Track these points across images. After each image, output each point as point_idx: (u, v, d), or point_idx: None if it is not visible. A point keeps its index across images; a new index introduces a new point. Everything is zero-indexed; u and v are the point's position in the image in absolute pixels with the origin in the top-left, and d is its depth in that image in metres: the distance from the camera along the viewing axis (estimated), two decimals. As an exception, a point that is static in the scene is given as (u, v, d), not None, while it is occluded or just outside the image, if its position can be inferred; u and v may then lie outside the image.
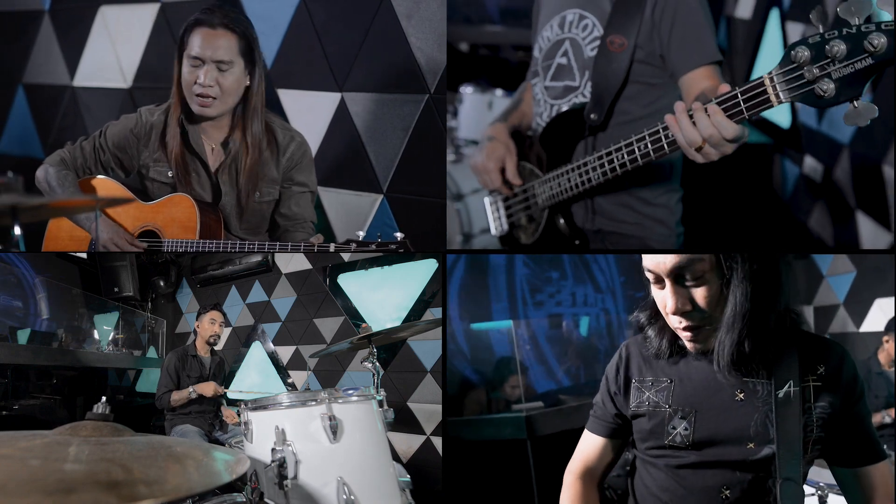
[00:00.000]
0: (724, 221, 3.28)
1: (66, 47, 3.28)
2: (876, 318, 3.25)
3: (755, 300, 1.15)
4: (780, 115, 3.49)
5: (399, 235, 1.95)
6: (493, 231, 2.15)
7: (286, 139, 2.21)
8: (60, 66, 3.29)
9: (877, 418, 2.86)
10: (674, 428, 1.24)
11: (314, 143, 2.61)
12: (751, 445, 1.19)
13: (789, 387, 1.18)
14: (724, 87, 1.43)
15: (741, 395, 1.21)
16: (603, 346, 3.34)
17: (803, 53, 1.27)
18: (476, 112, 3.56)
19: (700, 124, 1.43)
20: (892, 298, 3.19)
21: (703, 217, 2.32)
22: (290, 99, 2.74)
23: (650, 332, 1.30)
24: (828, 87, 1.26)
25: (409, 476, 1.95)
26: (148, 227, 2.16)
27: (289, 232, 2.26)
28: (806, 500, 1.97)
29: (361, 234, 1.98)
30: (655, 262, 1.19)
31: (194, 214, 2.11)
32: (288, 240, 2.23)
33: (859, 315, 3.32)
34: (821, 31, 1.26)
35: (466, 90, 3.62)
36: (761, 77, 1.34)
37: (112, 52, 3.16)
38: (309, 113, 2.67)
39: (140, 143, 2.21)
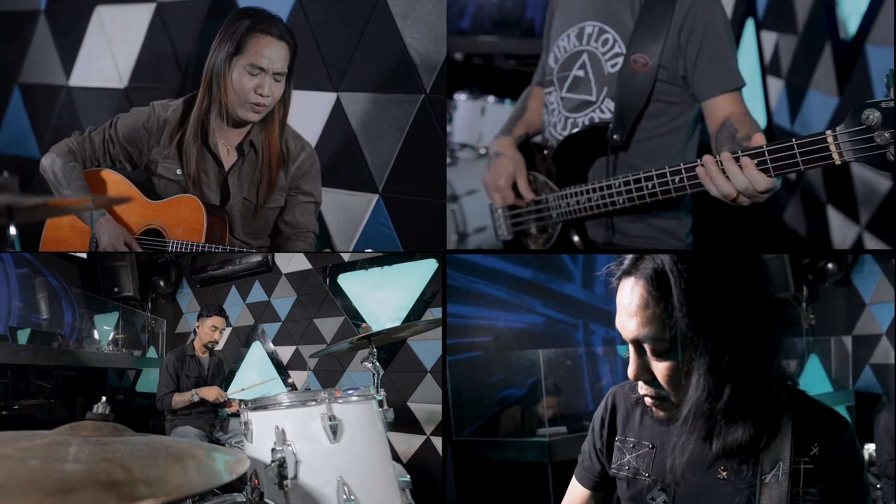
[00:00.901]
0: (723, 223, 3.33)
1: (62, 47, 3.28)
2: None
3: (716, 395, 1.03)
4: (755, 115, 3.56)
5: None
6: (497, 235, 2.14)
7: (297, 148, 2.22)
8: (56, 65, 3.29)
9: None
10: (653, 499, 1.17)
11: (310, 142, 2.63)
12: None
13: (778, 469, 1.05)
14: (759, 139, 1.41)
15: (724, 473, 1.10)
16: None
17: (874, 116, 1.26)
18: (469, 117, 3.71)
19: (734, 178, 1.42)
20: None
21: (710, 222, 2.33)
22: (286, 99, 2.76)
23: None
24: None
25: (409, 476, 1.95)
26: (152, 225, 2.15)
27: (290, 240, 2.27)
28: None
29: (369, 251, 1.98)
30: (621, 325, 1.10)
31: (201, 217, 2.10)
32: (288, 247, 2.25)
33: None
34: (892, 95, 1.25)
35: (460, 97, 3.77)
36: (823, 133, 1.33)
37: (108, 52, 3.16)
38: (305, 113, 2.67)
39: (151, 138, 2.19)
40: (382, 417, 1.93)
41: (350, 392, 1.87)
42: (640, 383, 1.11)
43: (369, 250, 2.86)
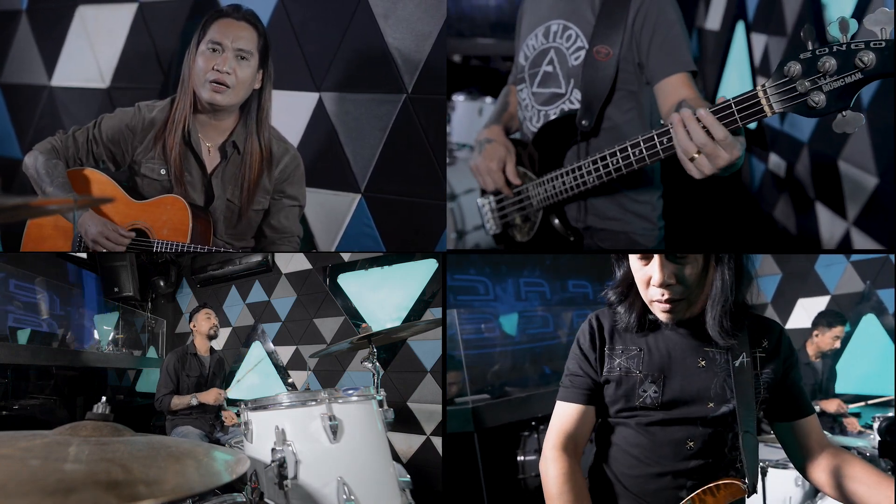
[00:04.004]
0: (700, 215, 3.45)
1: (44, 47, 3.26)
2: (800, 316, 3.69)
3: (732, 285, 1.36)
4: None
5: None
6: (486, 231, 2.19)
7: (280, 150, 2.21)
8: (38, 65, 3.27)
9: None
10: (644, 391, 1.41)
11: (292, 143, 2.63)
12: (711, 405, 1.39)
13: (743, 357, 1.40)
14: (719, 100, 1.51)
15: (702, 363, 1.41)
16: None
17: (795, 68, 1.38)
18: (468, 118, 3.75)
19: (693, 134, 1.50)
20: (826, 297, 3.57)
21: (682, 212, 2.40)
22: (268, 99, 2.75)
23: (620, 309, 1.45)
24: (819, 98, 1.37)
25: (409, 476, 1.95)
26: (137, 225, 2.14)
27: (275, 244, 2.26)
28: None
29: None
30: None
31: (187, 217, 2.10)
32: (272, 251, 2.24)
33: (785, 313, 3.78)
34: (810, 47, 1.36)
35: (459, 98, 3.81)
36: (755, 89, 1.44)
37: (90, 52, 3.14)
38: (287, 113, 2.66)
39: (135, 139, 2.19)
40: (382, 417, 1.93)
41: (350, 392, 1.87)
42: (661, 291, 1.35)
43: (357, 252, 2.85)
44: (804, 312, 3.53)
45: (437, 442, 2.95)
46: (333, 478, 1.72)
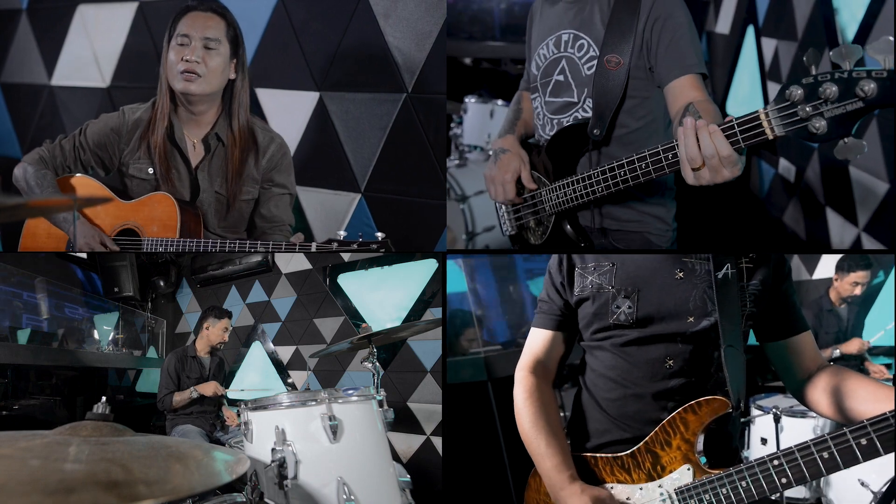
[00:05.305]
0: (710, 219, 3.46)
1: (44, 46, 3.27)
2: (826, 266, 3.57)
3: None
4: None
5: (380, 235, 2.01)
6: (502, 232, 2.22)
7: (266, 140, 2.24)
8: (38, 65, 3.28)
9: (826, 353, 3.02)
10: (618, 307, 1.38)
11: (292, 143, 2.61)
12: (690, 319, 1.34)
13: (727, 269, 1.36)
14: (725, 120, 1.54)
15: (680, 274, 1.37)
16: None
17: (796, 92, 1.38)
18: (479, 120, 3.74)
19: (703, 143, 1.51)
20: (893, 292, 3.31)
21: (693, 215, 2.41)
22: (269, 98, 2.75)
23: None
24: (820, 124, 1.36)
25: (409, 476, 1.95)
26: (127, 225, 2.16)
27: (266, 234, 2.28)
28: (759, 418, 2.56)
29: (343, 233, 2.03)
30: None
31: (175, 213, 2.12)
32: (265, 241, 2.26)
33: (812, 264, 3.73)
34: (813, 72, 1.36)
35: (470, 100, 3.79)
36: (757, 112, 1.45)
37: (90, 51, 3.16)
38: (287, 112, 2.67)
39: (121, 141, 2.22)
40: (382, 417, 1.93)
41: (350, 392, 1.87)
42: None
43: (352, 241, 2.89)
44: (831, 262, 3.36)
45: (437, 442, 2.95)
46: (333, 478, 1.72)
